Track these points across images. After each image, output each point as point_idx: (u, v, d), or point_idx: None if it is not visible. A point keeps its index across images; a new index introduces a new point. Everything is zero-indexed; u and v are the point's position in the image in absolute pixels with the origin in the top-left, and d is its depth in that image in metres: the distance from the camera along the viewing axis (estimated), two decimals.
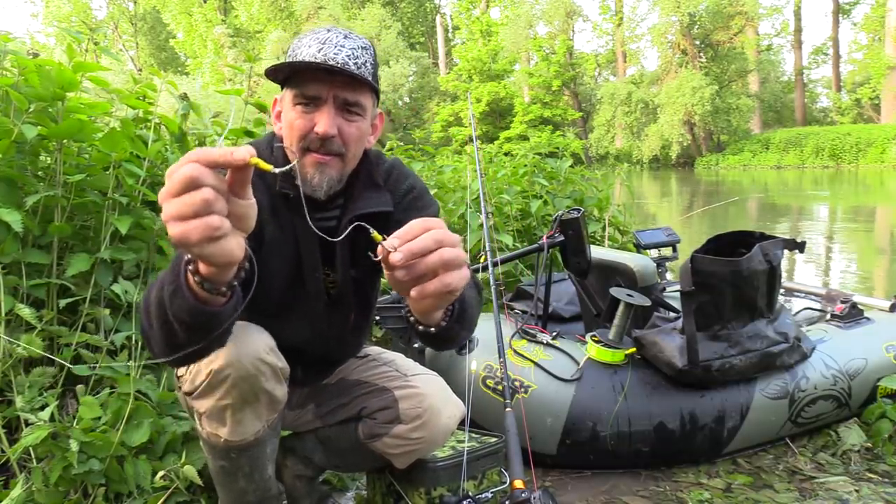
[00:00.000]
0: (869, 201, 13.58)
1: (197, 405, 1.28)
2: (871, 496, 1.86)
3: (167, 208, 0.73)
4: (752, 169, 28.88)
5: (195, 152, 0.73)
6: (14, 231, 1.69)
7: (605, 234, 3.90)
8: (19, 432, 1.60)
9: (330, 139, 1.21)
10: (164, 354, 0.99)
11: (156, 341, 0.98)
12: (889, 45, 31.21)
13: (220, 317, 0.89)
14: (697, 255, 2.00)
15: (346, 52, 1.21)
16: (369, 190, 1.35)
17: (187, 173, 0.71)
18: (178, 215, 0.72)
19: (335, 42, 1.21)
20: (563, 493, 1.92)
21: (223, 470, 1.37)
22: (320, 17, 35.53)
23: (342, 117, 1.22)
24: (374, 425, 1.46)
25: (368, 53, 1.25)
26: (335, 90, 1.21)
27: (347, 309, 1.44)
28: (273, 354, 1.26)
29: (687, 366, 1.96)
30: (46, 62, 1.88)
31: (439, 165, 5.16)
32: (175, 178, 0.71)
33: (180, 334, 0.91)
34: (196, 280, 0.84)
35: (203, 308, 0.86)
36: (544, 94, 35.25)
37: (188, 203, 0.71)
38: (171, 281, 0.88)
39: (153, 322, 0.94)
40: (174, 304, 0.88)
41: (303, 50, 1.21)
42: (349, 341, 1.52)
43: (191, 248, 0.74)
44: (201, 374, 1.23)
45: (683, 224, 8.49)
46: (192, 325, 0.89)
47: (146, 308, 0.96)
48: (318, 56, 1.19)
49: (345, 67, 1.19)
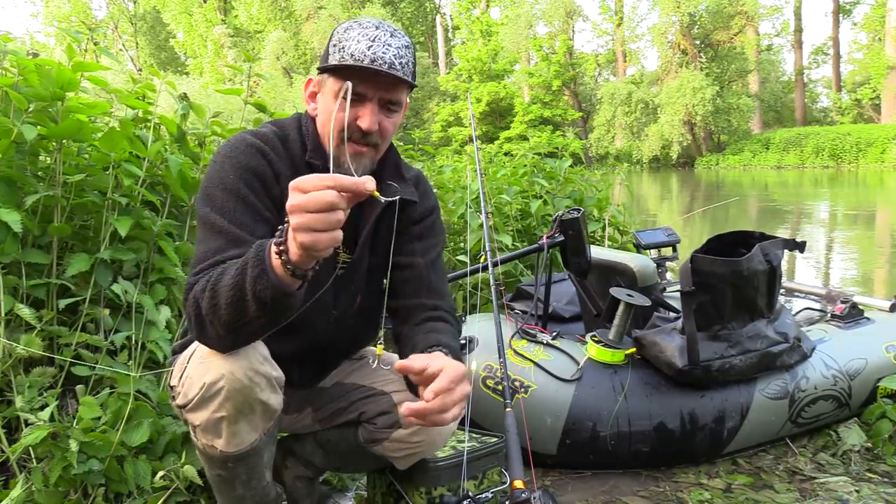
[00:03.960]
0: (869, 201, 13.58)
1: (191, 418, 1.27)
2: (871, 496, 1.86)
3: (302, 220, 0.92)
4: (752, 169, 28.88)
5: (335, 180, 0.92)
6: (14, 231, 1.69)
7: (604, 234, 3.90)
8: (19, 432, 1.60)
9: (370, 133, 1.28)
10: (223, 333, 1.12)
11: (219, 326, 1.10)
12: (889, 45, 31.21)
13: (295, 298, 1.06)
14: (697, 255, 2.00)
15: (394, 51, 1.25)
16: (396, 179, 1.43)
17: (329, 199, 0.91)
18: (313, 228, 0.92)
19: (384, 40, 1.25)
20: (563, 493, 1.92)
21: (220, 478, 1.36)
22: (320, 17, 35.51)
23: (383, 113, 1.29)
24: (374, 430, 1.45)
25: (411, 52, 1.30)
26: (380, 91, 1.27)
27: (355, 290, 1.44)
28: (267, 364, 1.25)
29: (687, 366, 1.96)
30: (46, 62, 1.88)
31: (439, 165, 5.17)
32: (316, 198, 0.91)
33: (252, 312, 1.05)
34: (287, 267, 0.99)
35: (286, 288, 1.02)
36: (544, 94, 35.25)
37: (324, 221, 0.92)
38: (255, 265, 1.02)
39: (220, 303, 1.07)
40: (258, 285, 1.02)
41: (351, 44, 1.24)
42: (351, 326, 1.47)
43: (315, 252, 0.95)
44: (194, 386, 1.22)
45: (683, 224, 8.49)
46: (272, 304, 1.03)
47: (213, 294, 1.08)
48: (368, 53, 1.23)
49: (392, 68, 1.24)
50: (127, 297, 1.84)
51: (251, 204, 1.25)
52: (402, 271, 1.44)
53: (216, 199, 1.24)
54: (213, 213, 1.23)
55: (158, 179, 2.10)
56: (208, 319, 1.11)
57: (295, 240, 0.94)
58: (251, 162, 1.28)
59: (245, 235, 1.20)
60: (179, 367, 1.29)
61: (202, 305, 1.10)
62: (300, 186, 0.93)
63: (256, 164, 1.28)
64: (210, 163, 1.31)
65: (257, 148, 1.30)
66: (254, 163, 1.28)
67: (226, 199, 1.24)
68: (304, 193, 0.92)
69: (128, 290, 1.84)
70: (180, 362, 1.29)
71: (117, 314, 1.87)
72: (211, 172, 1.28)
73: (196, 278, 1.14)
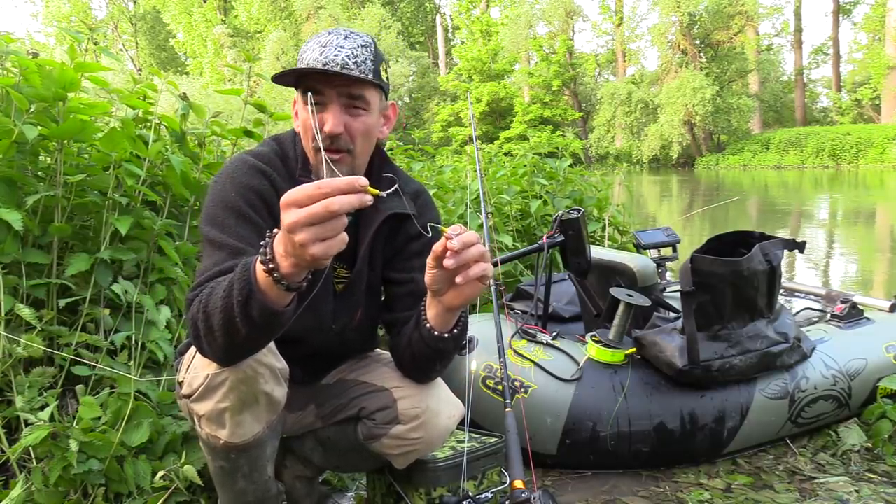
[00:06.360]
0: (869, 201, 13.58)
1: (196, 408, 1.28)
2: (871, 496, 1.86)
3: (309, 234, 0.90)
4: (752, 169, 28.86)
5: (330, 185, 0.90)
6: (14, 231, 1.69)
7: (604, 234, 3.90)
8: (19, 432, 1.60)
9: (337, 136, 1.28)
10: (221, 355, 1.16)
11: (216, 345, 1.12)
12: (889, 45, 31.19)
13: (285, 314, 1.05)
14: (697, 255, 2.00)
15: (346, 52, 1.27)
16: (395, 195, 1.40)
17: (334, 208, 0.89)
18: (323, 237, 0.91)
19: (335, 44, 1.27)
20: (563, 493, 1.92)
21: (222, 470, 1.37)
22: (320, 17, 35.52)
23: (348, 114, 1.29)
24: (373, 426, 1.45)
25: (369, 51, 1.30)
26: (337, 90, 1.27)
27: (355, 305, 1.46)
28: (271, 355, 1.26)
29: (687, 366, 1.96)
30: (47, 62, 1.88)
31: (439, 165, 5.17)
32: (317, 209, 0.89)
33: (244, 333, 1.06)
34: (280, 283, 0.99)
35: (276, 306, 1.02)
36: (544, 94, 35.25)
37: (331, 228, 0.91)
38: (241, 288, 1.02)
39: (214, 327, 1.08)
40: (247, 307, 1.02)
41: (307, 54, 1.28)
42: (352, 339, 1.51)
43: (323, 260, 0.94)
44: (199, 377, 1.23)
45: (683, 224, 8.49)
46: (262, 323, 1.03)
47: (206, 316, 1.09)
48: (320, 59, 1.26)
49: (344, 68, 1.26)
50: (127, 297, 1.84)
51: (253, 221, 1.27)
52: (400, 286, 1.46)
53: (217, 217, 1.27)
54: (213, 230, 1.26)
55: (159, 179, 2.10)
56: (206, 341, 1.13)
57: (305, 252, 0.92)
58: (252, 181, 1.30)
59: (246, 248, 1.22)
60: (186, 361, 1.31)
61: (200, 327, 1.11)
62: (294, 202, 0.91)
63: (258, 183, 1.31)
64: (212, 183, 1.33)
65: (259, 169, 1.32)
66: (255, 182, 1.31)
67: (227, 216, 1.26)
68: (301, 208, 0.90)
69: (128, 289, 1.84)
70: (187, 357, 1.31)
71: (117, 314, 1.87)
72: (213, 193, 1.31)
73: (194, 293, 1.16)
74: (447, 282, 1.17)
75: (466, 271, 1.10)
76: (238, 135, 2.43)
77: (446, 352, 1.33)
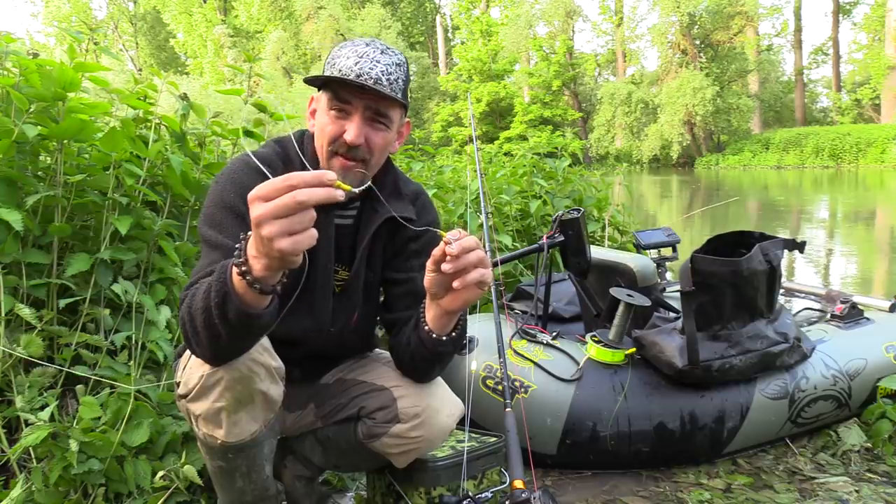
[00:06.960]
0: (869, 201, 13.57)
1: (192, 408, 1.28)
2: (871, 496, 1.86)
3: (275, 228, 0.88)
4: (752, 169, 28.86)
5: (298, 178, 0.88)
6: (14, 231, 1.69)
7: (604, 234, 3.90)
8: (19, 432, 1.60)
9: (356, 147, 1.28)
10: (209, 355, 1.17)
11: (203, 346, 1.13)
12: (889, 45, 31.20)
13: (262, 319, 1.04)
14: (697, 256, 2.00)
15: (381, 67, 1.28)
16: (394, 196, 1.44)
17: (301, 199, 0.87)
18: (290, 231, 0.89)
19: (372, 57, 1.28)
20: (563, 493, 1.92)
21: (221, 470, 1.37)
22: (320, 17, 35.50)
23: (370, 126, 1.30)
24: (373, 425, 1.46)
25: (402, 70, 1.32)
26: (366, 103, 1.28)
27: (353, 306, 1.46)
28: (267, 354, 1.26)
29: (687, 366, 1.96)
30: (47, 62, 1.88)
31: (439, 165, 5.17)
32: (284, 202, 0.87)
33: (225, 335, 1.06)
34: (254, 287, 0.98)
35: (252, 309, 1.01)
36: (544, 94, 35.25)
37: (299, 221, 0.89)
38: (218, 290, 1.02)
39: (198, 328, 1.09)
40: (223, 308, 1.02)
41: (341, 61, 1.28)
42: (350, 340, 1.52)
43: (293, 256, 0.91)
44: (194, 377, 1.23)
45: (683, 224, 8.49)
46: (239, 325, 1.04)
47: (191, 317, 1.10)
48: (355, 69, 1.26)
49: (378, 83, 1.26)
50: (127, 297, 1.84)
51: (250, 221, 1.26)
52: (399, 286, 1.47)
53: (215, 218, 1.28)
54: (210, 231, 1.27)
55: (159, 179, 2.10)
56: (194, 341, 1.14)
57: (272, 248, 0.90)
58: (252, 183, 1.29)
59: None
60: (183, 361, 1.31)
61: (187, 328, 1.12)
62: (261, 196, 0.90)
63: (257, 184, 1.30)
64: (212, 184, 1.34)
65: (258, 170, 1.31)
66: (254, 183, 1.28)
67: (224, 216, 1.27)
68: (267, 202, 0.89)
69: (128, 290, 1.84)
70: (184, 357, 1.32)
71: (117, 314, 1.87)
72: (212, 193, 1.31)
73: (186, 293, 1.16)
74: (445, 286, 1.18)
75: (464, 276, 1.10)
76: (238, 135, 2.43)
77: (445, 354, 1.34)
